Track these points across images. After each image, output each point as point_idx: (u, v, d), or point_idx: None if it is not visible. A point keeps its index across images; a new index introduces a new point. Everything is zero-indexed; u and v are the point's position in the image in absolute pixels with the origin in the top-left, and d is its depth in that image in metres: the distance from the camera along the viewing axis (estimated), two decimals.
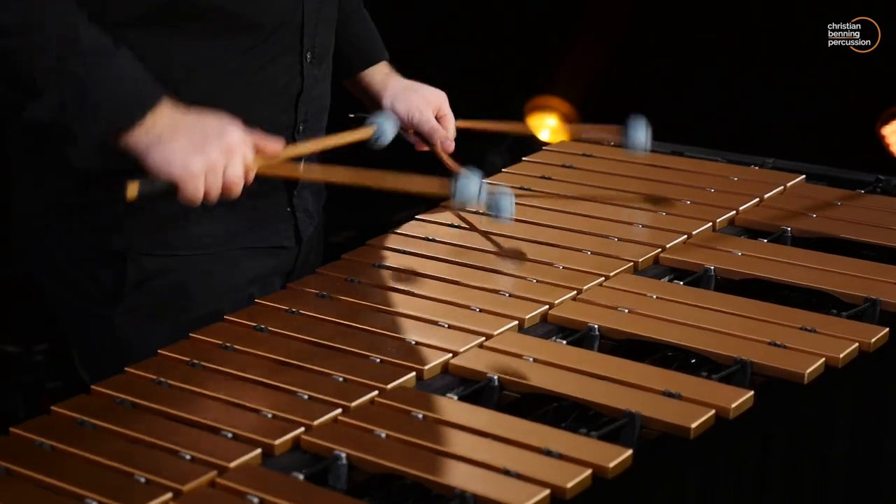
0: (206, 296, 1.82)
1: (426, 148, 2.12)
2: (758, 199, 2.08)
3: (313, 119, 1.94)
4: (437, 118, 2.10)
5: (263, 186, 1.83)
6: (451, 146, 2.11)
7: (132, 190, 1.65)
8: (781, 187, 2.14)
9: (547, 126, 4.03)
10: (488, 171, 2.25)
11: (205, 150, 1.64)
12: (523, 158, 2.31)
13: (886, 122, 3.58)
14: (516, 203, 1.85)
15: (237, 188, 1.67)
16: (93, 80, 1.64)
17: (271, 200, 1.89)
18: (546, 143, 3.12)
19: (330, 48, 1.97)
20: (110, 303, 1.82)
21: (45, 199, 1.84)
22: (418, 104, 2.09)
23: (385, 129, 1.97)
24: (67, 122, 1.65)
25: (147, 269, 1.81)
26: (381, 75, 2.13)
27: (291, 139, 1.89)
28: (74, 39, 1.63)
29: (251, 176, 1.70)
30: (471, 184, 1.77)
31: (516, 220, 1.96)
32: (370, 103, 2.14)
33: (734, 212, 2.03)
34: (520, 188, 2.13)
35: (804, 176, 2.19)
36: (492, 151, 3.75)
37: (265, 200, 1.87)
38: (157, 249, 1.81)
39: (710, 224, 1.99)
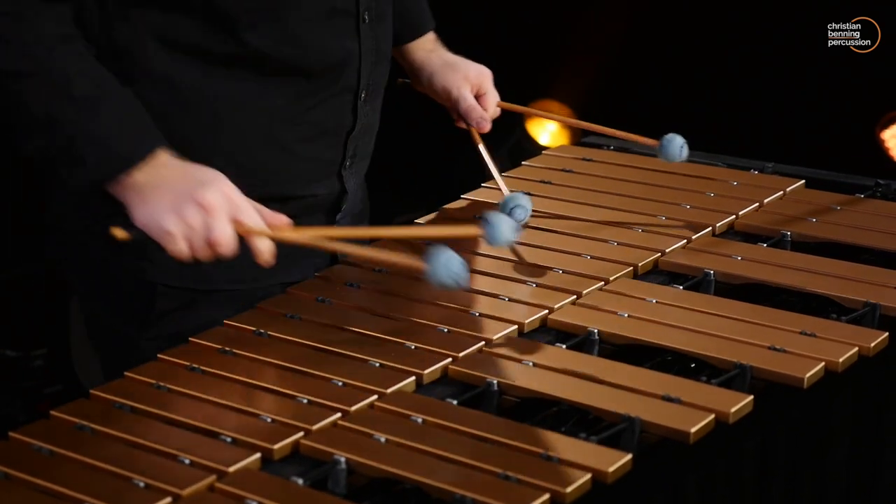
0: None
1: (464, 126, 2.08)
2: (757, 204, 2.08)
3: (361, 153, 1.92)
4: (477, 96, 2.06)
5: (300, 220, 1.82)
6: (487, 126, 2.06)
7: (120, 234, 1.63)
8: (781, 192, 2.14)
9: (547, 130, 4.04)
10: (488, 175, 2.26)
11: (181, 211, 1.58)
12: (523, 162, 2.31)
13: (886, 126, 3.58)
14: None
15: (224, 248, 1.59)
16: (80, 132, 1.62)
17: None
18: (546, 148, 3.13)
19: (385, 79, 1.94)
20: (138, 328, 1.81)
21: (83, 219, 1.83)
22: (456, 81, 2.05)
23: (495, 232, 1.66)
24: (55, 167, 1.65)
25: (176, 300, 1.80)
26: (424, 51, 2.09)
27: (338, 175, 1.88)
28: (66, 88, 1.62)
29: (265, 242, 1.60)
30: (503, 227, 1.62)
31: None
32: (413, 77, 2.11)
33: (734, 216, 2.03)
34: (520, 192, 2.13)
35: (804, 181, 2.19)
36: (492, 155, 3.75)
37: None
38: (186, 282, 1.79)
39: (710, 228, 1.99)
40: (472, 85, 2.06)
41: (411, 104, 2.07)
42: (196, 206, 1.58)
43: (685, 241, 1.94)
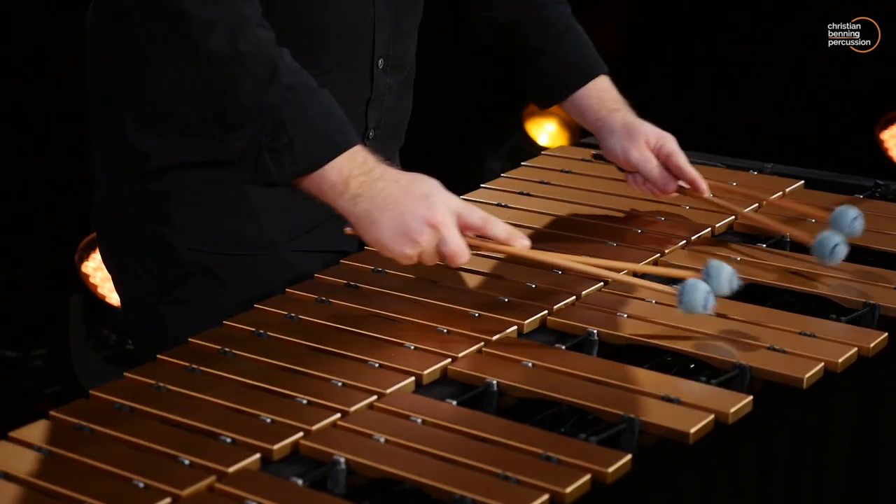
0: (254, 294, 1.78)
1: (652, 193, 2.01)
2: (757, 205, 2.08)
3: (386, 128, 1.93)
4: (664, 159, 1.99)
5: None
6: (671, 190, 1.98)
7: (350, 231, 1.67)
8: (780, 193, 2.14)
9: (546, 131, 4.03)
10: (487, 176, 2.26)
11: (413, 233, 1.61)
12: (522, 163, 2.31)
13: (885, 126, 3.58)
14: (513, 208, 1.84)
15: (459, 258, 1.62)
16: (289, 115, 1.62)
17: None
18: (545, 148, 3.13)
19: (409, 61, 1.95)
20: (157, 293, 1.83)
21: (112, 188, 1.88)
22: (636, 143, 1.99)
23: (690, 300, 1.62)
24: (262, 156, 1.64)
25: (194, 263, 1.82)
26: (607, 110, 2.04)
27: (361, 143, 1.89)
28: (274, 72, 1.63)
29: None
30: (697, 294, 1.60)
31: (514, 226, 1.96)
32: (588, 128, 2.09)
33: (733, 217, 2.03)
34: (520, 193, 2.13)
35: (803, 181, 2.19)
36: (491, 156, 3.76)
37: (321, 203, 1.85)
38: (206, 246, 1.82)
39: (710, 229, 1.99)
40: (653, 147, 1.99)
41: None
42: (428, 227, 1.61)
43: (684, 241, 1.94)
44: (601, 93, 2.07)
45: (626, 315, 1.69)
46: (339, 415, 1.45)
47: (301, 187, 1.66)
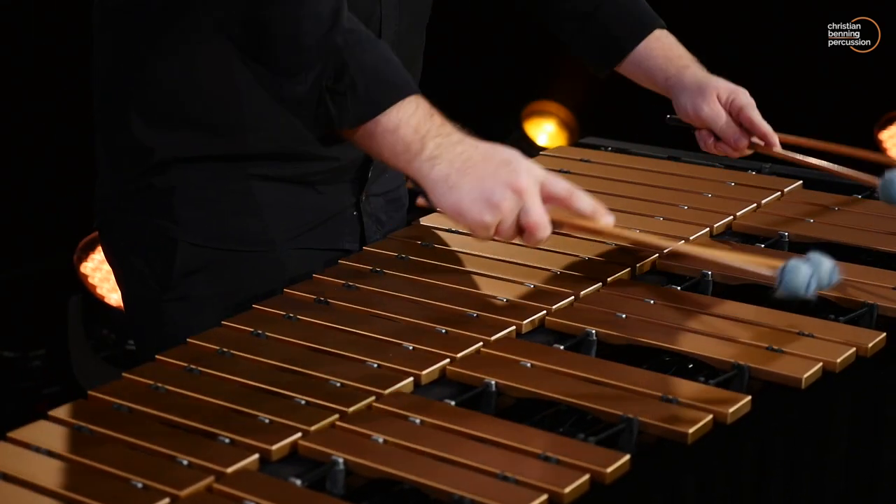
0: (256, 293, 1.77)
1: (722, 151, 1.93)
2: (755, 205, 2.09)
3: None
4: (736, 115, 1.93)
5: (328, 186, 1.81)
6: (743, 146, 1.91)
7: (423, 202, 1.62)
8: (779, 192, 2.14)
9: (544, 131, 4.04)
10: None
11: (495, 198, 1.52)
12: None
13: (884, 126, 3.58)
14: None
15: (540, 231, 1.54)
16: (351, 57, 1.57)
17: (336, 202, 1.87)
18: (543, 149, 3.14)
19: (416, 61, 1.92)
20: (159, 289, 1.83)
21: (115, 184, 1.87)
22: (707, 99, 1.92)
23: (792, 277, 1.56)
24: (324, 100, 1.58)
25: (197, 259, 1.81)
26: (676, 67, 1.96)
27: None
28: (336, 15, 1.59)
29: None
30: (800, 273, 1.55)
31: None
32: (658, 90, 2.01)
33: (731, 217, 2.04)
34: None
35: (801, 181, 2.19)
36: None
37: (329, 200, 1.84)
38: (209, 242, 1.81)
39: (708, 229, 1.99)
40: (724, 101, 1.93)
41: None
42: (511, 192, 1.52)
43: (683, 241, 1.94)
44: (666, 50, 1.99)
45: (624, 315, 1.69)
46: (337, 415, 1.45)
47: (373, 147, 1.59)
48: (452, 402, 1.49)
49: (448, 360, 1.57)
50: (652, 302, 1.74)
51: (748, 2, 3.51)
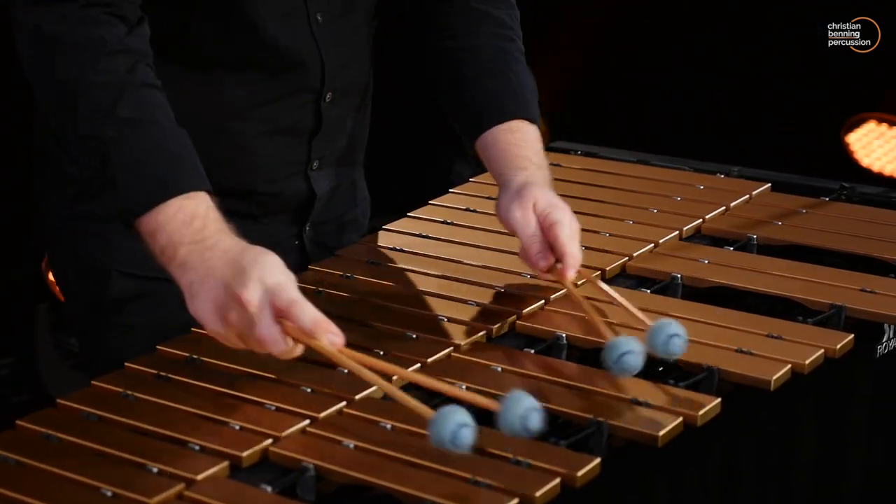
0: (193, 322, 1.69)
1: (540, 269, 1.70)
2: (724, 208, 2.09)
3: (332, 156, 1.88)
4: (544, 226, 1.70)
5: (268, 218, 1.80)
6: (543, 265, 1.68)
7: None
8: (747, 196, 2.15)
9: None
10: (456, 181, 2.25)
11: (223, 310, 1.45)
12: None
13: (850, 129, 3.60)
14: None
15: (271, 347, 1.44)
16: (115, 150, 1.52)
17: (277, 232, 1.86)
18: None
19: (362, 84, 1.89)
20: (98, 316, 1.82)
21: (52, 206, 1.85)
22: (519, 203, 1.71)
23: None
24: (97, 191, 1.56)
25: (131, 290, 1.79)
26: (504, 153, 1.78)
27: (304, 176, 1.86)
28: (114, 103, 1.54)
29: (299, 347, 1.46)
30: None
31: (483, 230, 1.96)
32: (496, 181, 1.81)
33: (700, 220, 2.04)
34: (487, 198, 2.13)
35: (770, 184, 2.20)
36: (459, 162, 3.76)
37: (266, 232, 1.79)
38: (141, 271, 1.78)
39: (677, 232, 2.00)
40: (539, 211, 1.70)
41: (377, 109, 2.05)
42: (236, 304, 1.44)
43: (652, 245, 1.95)
44: (512, 146, 1.81)
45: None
46: (308, 421, 1.44)
47: (145, 242, 1.55)
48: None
49: (419, 366, 1.57)
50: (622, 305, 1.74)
51: (748, 2, 3.51)
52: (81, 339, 1.92)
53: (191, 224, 1.51)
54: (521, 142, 1.83)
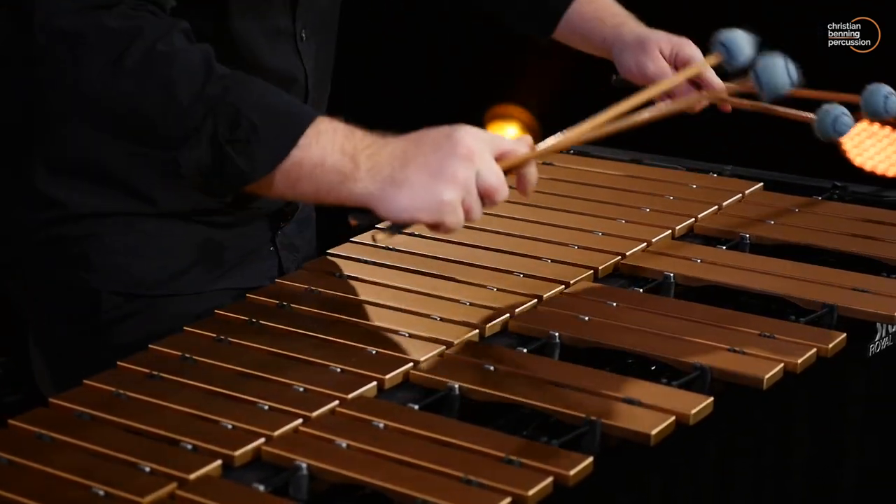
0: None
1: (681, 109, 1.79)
2: (716, 207, 2.10)
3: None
4: (679, 67, 1.83)
5: (245, 227, 1.78)
6: (695, 101, 1.79)
7: (384, 238, 1.49)
8: (740, 195, 2.15)
9: (507, 135, 4.04)
10: None
11: (446, 175, 1.38)
12: None
13: None
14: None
15: (499, 193, 1.41)
16: (239, 100, 1.41)
17: (252, 238, 1.84)
18: None
19: (324, 101, 1.86)
20: (86, 338, 1.79)
21: (19, 231, 1.78)
22: (646, 55, 1.82)
23: (734, 45, 1.61)
24: (227, 155, 1.42)
25: (121, 308, 1.77)
26: (611, 26, 1.87)
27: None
28: (207, 63, 1.44)
29: (531, 170, 1.46)
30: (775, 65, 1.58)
31: (473, 228, 1.96)
32: (602, 55, 1.91)
33: (693, 219, 2.05)
34: None
35: (762, 183, 2.21)
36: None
37: (244, 239, 1.79)
38: (129, 288, 1.76)
39: (670, 231, 2.00)
40: (668, 55, 1.82)
41: (353, 95, 2.02)
42: (460, 160, 1.37)
43: (645, 244, 1.95)
44: (598, 10, 1.90)
45: (587, 318, 1.70)
46: (301, 420, 1.44)
47: (301, 188, 1.44)
48: (416, 407, 1.49)
49: (411, 365, 1.57)
50: (615, 304, 1.74)
51: (748, 2, 3.51)
52: (56, 360, 1.85)
53: (351, 133, 1.44)
54: (603, 5, 1.91)
